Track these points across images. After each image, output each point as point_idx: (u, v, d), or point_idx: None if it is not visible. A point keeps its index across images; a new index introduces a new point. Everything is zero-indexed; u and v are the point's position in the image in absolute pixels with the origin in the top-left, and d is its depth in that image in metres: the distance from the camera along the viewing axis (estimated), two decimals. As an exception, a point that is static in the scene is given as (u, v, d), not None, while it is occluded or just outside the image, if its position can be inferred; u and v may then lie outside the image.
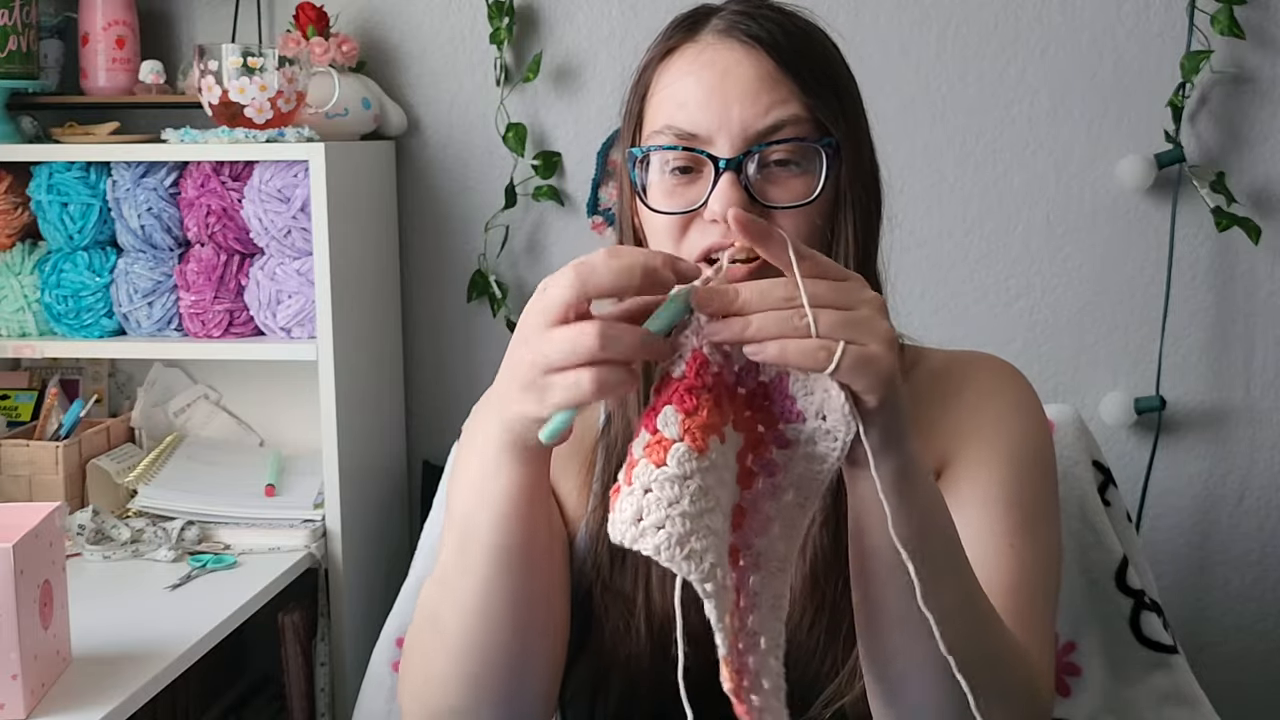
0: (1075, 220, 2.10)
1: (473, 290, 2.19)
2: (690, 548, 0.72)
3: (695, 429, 0.74)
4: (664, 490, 0.72)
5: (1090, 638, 1.49)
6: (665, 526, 0.72)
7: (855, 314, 0.76)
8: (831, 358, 0.74)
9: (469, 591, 0.91)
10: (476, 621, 0.92)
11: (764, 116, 0.97)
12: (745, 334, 0.75)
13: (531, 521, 0.88)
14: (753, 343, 0.75)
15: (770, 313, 0.75)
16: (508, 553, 0.89)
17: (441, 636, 0.94)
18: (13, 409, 2.15)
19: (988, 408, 1.08)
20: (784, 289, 0.76)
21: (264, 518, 1.94)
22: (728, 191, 0.96)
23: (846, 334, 0.75)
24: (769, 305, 0.76)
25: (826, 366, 0.74)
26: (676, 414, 0.75)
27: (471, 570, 0.90)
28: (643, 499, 0.72)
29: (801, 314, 0.75)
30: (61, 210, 1.99)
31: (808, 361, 0.75)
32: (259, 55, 1.88)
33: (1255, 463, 2.13)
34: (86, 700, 1.41)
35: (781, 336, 0.75)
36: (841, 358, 0.74)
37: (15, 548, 1.32)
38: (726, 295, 0.76)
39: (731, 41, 1.00)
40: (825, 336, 0.75)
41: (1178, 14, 2.03)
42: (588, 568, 1.07)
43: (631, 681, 1.05)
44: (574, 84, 2.16)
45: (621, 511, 0.73)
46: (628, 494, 0.73)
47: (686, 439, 0.74)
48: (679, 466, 0.73)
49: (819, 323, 0.75)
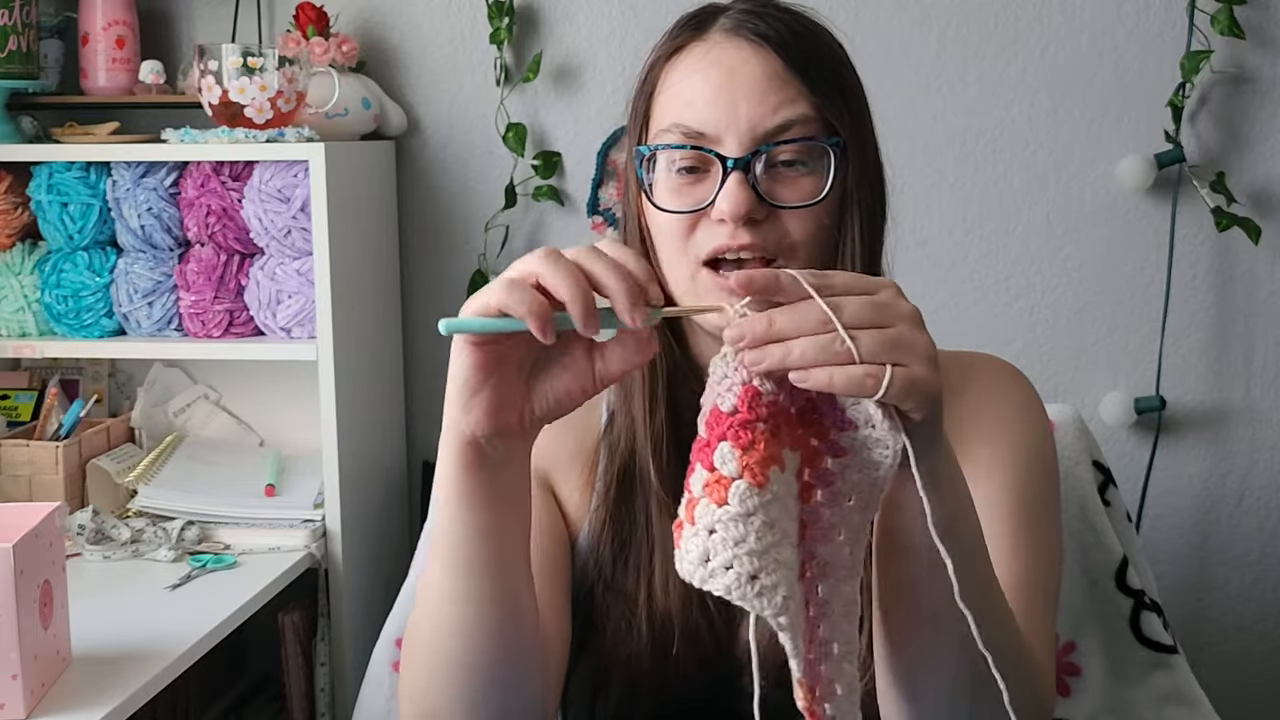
0: (1075, 220, 2.10)
1: (472, 290, 2.19)
2: (761, 584, 0.72)
3: (754, 465, 0.73)
4: (729, 530, 0.72)
5: (1090, 638, 1.49)
6: (734, 566, 0.72)
7: (895, 332, 0.74)
8: (880, 384, 0.73)
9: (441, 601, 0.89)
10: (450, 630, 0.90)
11: (772, 116, 0.97)
12: (788, 361, 0.73)
13: (496, 529, 0.86)
14: (797, 370, 0.74)
15: (809, 338, 0.73)
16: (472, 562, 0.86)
17: (424, 642, 0.93)
18: (13, 409, 2.14)
19: (989, 408, 1.08)
20: (819, 310, 0.74)
21: (264, 518, 1.94)
22: (735, 191, 0.95)
23: (890, 356, 0.73)
24: (806, 329, 0.74)
25: (876, 393, 0.73)
26: (734, 450, 0.74)
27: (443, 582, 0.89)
28: (708, 540, 0.72)
29: (840, 338, 0.73)
30: (61, 210, 1.99)
31: (855, 389, 0.73)
32: (259, 55, 1.88)
33: (1255, 463, 2.13)
34: (86, 700, 1.41)
35: (825, 364, 0.73)
36: (890, 384, 0.73)
37: (15, 548, 1.32)
38: (759, 325, 0.74)
39: (739, 40, 0.99)
40: (868, 360, 0.73)
41: (1178, 14, 2.03)
42: (589, 568, 1.07)
43: (632, 681, 1.05)
44: (574, 84, 2.16)
45: (688, 552, 0.73)
46: (691, 534, 0.73)
47: (746, 475, 0.73)
48: (741, 504, 0.73)
49: (860, 346, 0.73)
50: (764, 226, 0.97)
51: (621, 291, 0.76)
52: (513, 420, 0.82)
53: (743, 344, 0.74)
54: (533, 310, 0.75)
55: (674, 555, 0.74)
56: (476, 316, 0.77)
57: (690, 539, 0.73)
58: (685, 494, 0.75)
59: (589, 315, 0.75)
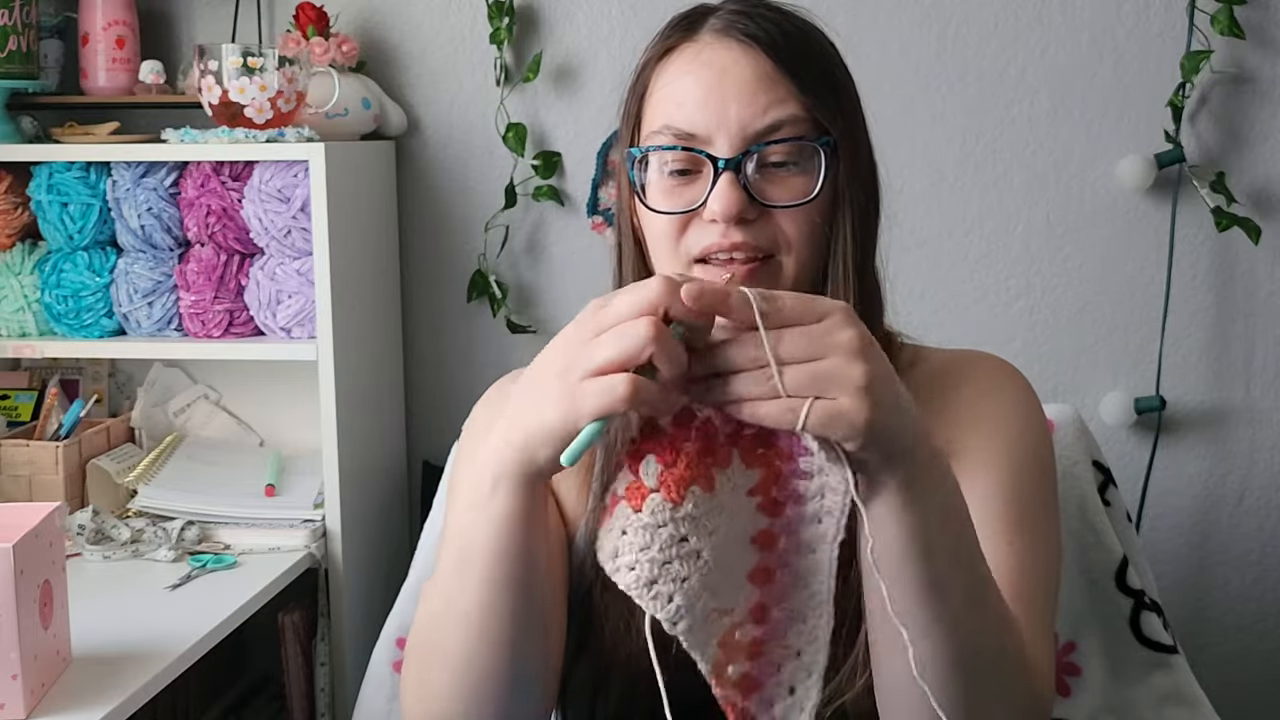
0: (1075, 220, 2.10)
1: (473, 290, 2.19)
2: (656, 590, 0.77)
3: (671, 482, 0.78)
4: (636, 536, 0.78)
5: (1090, 638, 1.49)
6: (635, 569, 0.77)
7: (823, 365, 0.75)
8: (798, 417, 0.74)
9: (466, 611, 0.91)
10: (474, 640, 0.91)
11: (762, 116, 0.97)
12: (724, 396, 0.76)
13: (529, 547, 0.88)
14: (730, 405, 0.76)
15: (744, 375, 0.76)
16: (503, 578, 0.88)
17: (440, 649, 0.94)
18: (13, 409, 2.15)
19: (986, 407, 1.07)
20: (753, 348, 0.76)
21: (264, 518, 1.94)
22: (726, 191, 0.96)
23: (814, 389, 0.75)
24: (740, 366, 0.76)
25: (795, 425, 0.75)
26: (656, 464, 0.78)
27: (468, 591, 0.90)
28: (619, 539, 0.78)
29: (767, 374, 0.75)
30: (61, 210, 1.99)
31: (778, 422, 0.75)
32: (259, 55, 1.88)
33: (1255, 463, 2.13)
34: (86, 700, 1.41)
35: (753, 398, 0.75)
36: (808, 416, 0.74)
37: (15, 548, 1.32)
38: (711, 360, 0.77)
39: (729, 41, 1.00)
40: (794, 394, 0.75)
41: (1178, 14, 2.03)
42: (587, 567, 1.07)
43: (631, 681, 1.05)
44: (574, 84, 2.16)
45: (602, 544, 0.79)
46: (607, 530, 0.79)
47: (662, 491, 0.78)
48: (652, 516, 0.77)
49: (785, 381, 0.75)
50: (756, 226, 0.98)
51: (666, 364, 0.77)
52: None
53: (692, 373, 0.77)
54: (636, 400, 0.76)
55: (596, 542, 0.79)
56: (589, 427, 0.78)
57: (605, 533, 0.79)
58: (611, 486, 0.81)
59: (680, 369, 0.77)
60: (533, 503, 0.86)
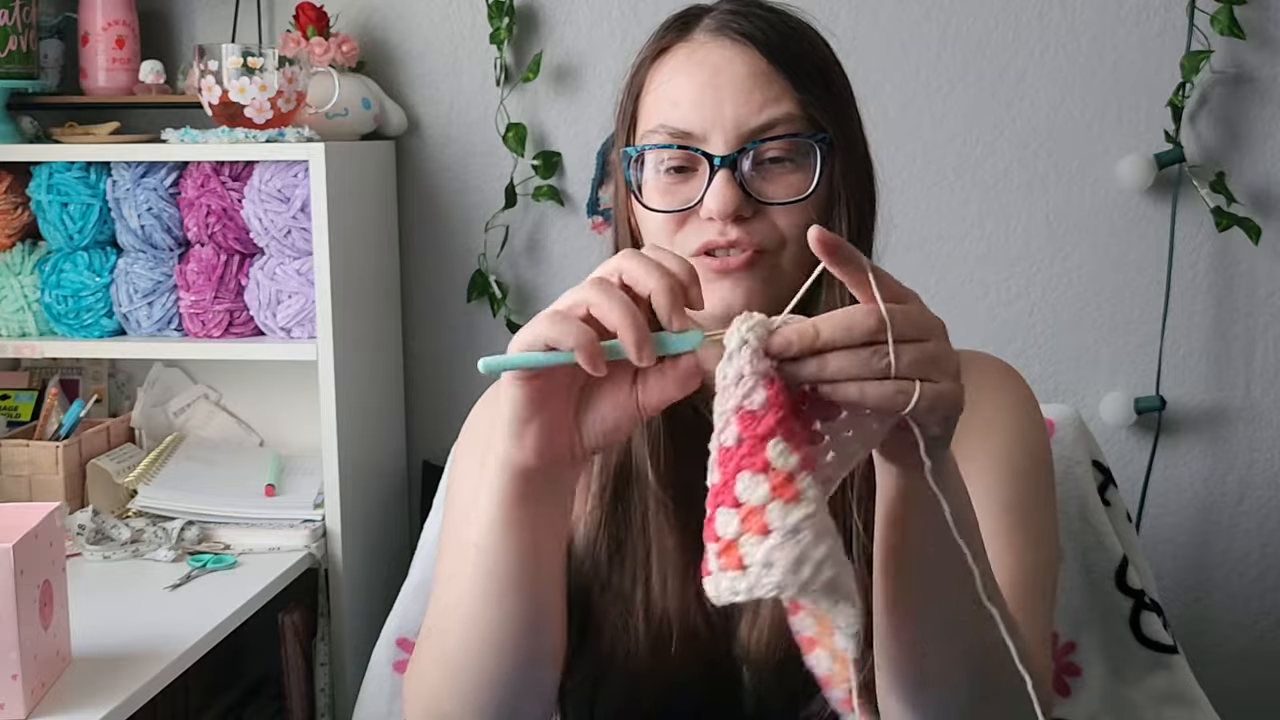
0: (1075, 220, 2.10)
1: (473, 290, 2.19)
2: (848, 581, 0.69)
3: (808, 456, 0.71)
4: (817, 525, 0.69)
5: (1090, 638, 1.49)
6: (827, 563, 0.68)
7: (930, 347, 0.73)
8: (909, 400, 0.71)
9: (463, 610, 0.91)
10: (473, 640, 0.91)
11: (757, 114, 0.98)
12: (824, 374, 0.71)
13: (531, 547, 0.87)
14: (831, 383, 0.72)
15: (852, 351, 0.71)
16: (504, 569, 0.87)
17: (441, 648, 0.94)
18: (13, 409, 2.15)
19: (983, 406, 1.07)
20: (869, 324, 0.71)
21: (264, 518, 1.94)
22: (723, 189, 0.96)
23: (923, 371, 0.72)
24: (853, 342, 0.71)
25: (905, 409, 0.72)
26: (786, 446, 0.70)
27: (467, 590, 0.90)
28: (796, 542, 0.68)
29: (883, 353, 0.71)
30: (61, 210, 1.99)
31: (885, 404, 0.72)
32: (259, 55, 1.88)
33: (1255, 463, 2.13)
34: (86, 700, 1.41)
35: (859, 378, 0.71)
36: (919, 399, 0.71)
37: (15, 548, 1.32)
38: (805, 335, 0.71)
39: (723, 40, 1.00)
40: (903, 376, 0.71)
41: (1178, 14, 2.03)
42: (586, 567, 1.07)
43: (631, 681, 1.05)
44: (574, 84, 2.16)
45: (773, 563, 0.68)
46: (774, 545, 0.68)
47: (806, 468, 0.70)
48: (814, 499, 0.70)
49: (900, 362, 0.71)
50: (752, 223, 0.98)
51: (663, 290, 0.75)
52: (563, 450, 0.82)
53: (790, 353, 0.72)
54: (580, 343, 0.74)
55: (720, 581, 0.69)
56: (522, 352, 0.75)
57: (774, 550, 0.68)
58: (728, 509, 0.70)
59: (642, 343, 0.74)
60: (535, 507, 0.85)
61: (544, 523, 0.87)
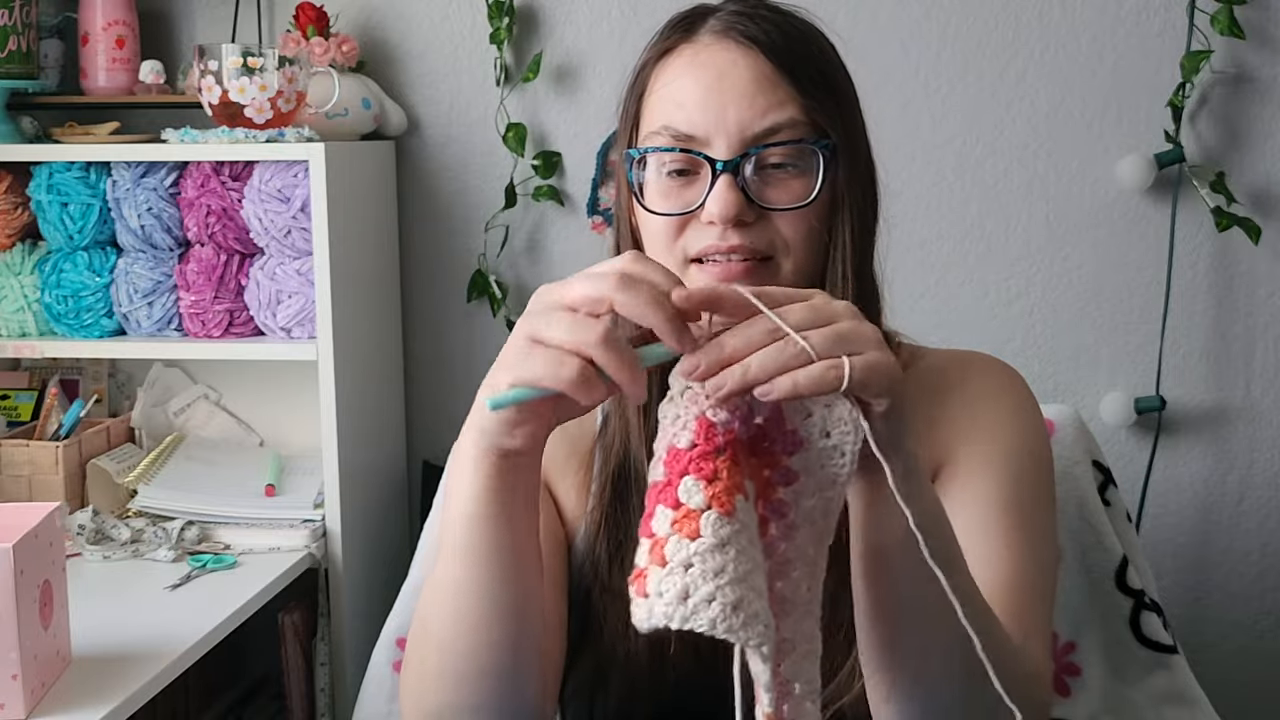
0: (1075, 220, 2.10)
1: (473, 290, 2.20)
2: (744, 614, 0.70)
3: (720, 494, 0.72)
4: (706, 562, 0.70)
5: (1090, 638, 1.49)
6: (717, 598, 0.70)
7: (841, 326, 0.75)
8: (843, 374, 0.73)
9: (447, 588, 0.90)
10: (453, 620, 0.90)
11: (761, 119, 0.97)
12: (749, 377, 0.73)
13: (505, 522, 0.86)
14: (758, 384, 0.73)
15: (763, 351, 0.73)
16: (484, 554, 0.87)
17: (429, 634, 0.93)
18: (13, 409, 2.15)
19: (984, 407, 1.07)
20: (764, 323, 0.74)
21: (264, 518, 1.94)
22: (724, 193, 0.96)
23: (843, 348, 0.74)
24: (757, 343, 0.74)
25: (841, 385, 0.73)
26: (698, 482, 0.73)
27: (448, 568, 0.89)
28: (685, 576, 0.70)
29: (792, 342, 0.73)
30: (61, 210, 1.99)
31: (820, 386, 0.73)
32: (259, 55, 1.88)
33: (1255, 463, 2.13)
34: (86, 700, 1.41)
35: (785, 369, 0.73)
36: (852, 371, 0.73)
37: (15, 548, 1.32)
38: (711, 351, 0.74)
39: (728, 42, 1.00)
40: (824, 356, 0.73)
41: (1178, 14, 2.03)
42: (586, 569, 1.07)
43: (631, 681, 1.05)
44: (574, 84, 2.16)
45: (664, 594, 0.70)
46: (665, 575, 0.71)
47: (714, 506, 0.72)
48: (714, 535, 0.71)
49: (813, 344, 0.73)
50: (754, 228, 0.98)
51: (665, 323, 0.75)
52: (544, 434, 0.83)
53: (698, 372, 0.74)
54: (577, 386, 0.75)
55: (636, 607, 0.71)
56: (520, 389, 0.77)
57: (664, 579, 0.70)
58: (644, 541, 0.73)
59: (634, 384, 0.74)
60: (515, 480, 0.85)
61: (523, 498, 0.86)
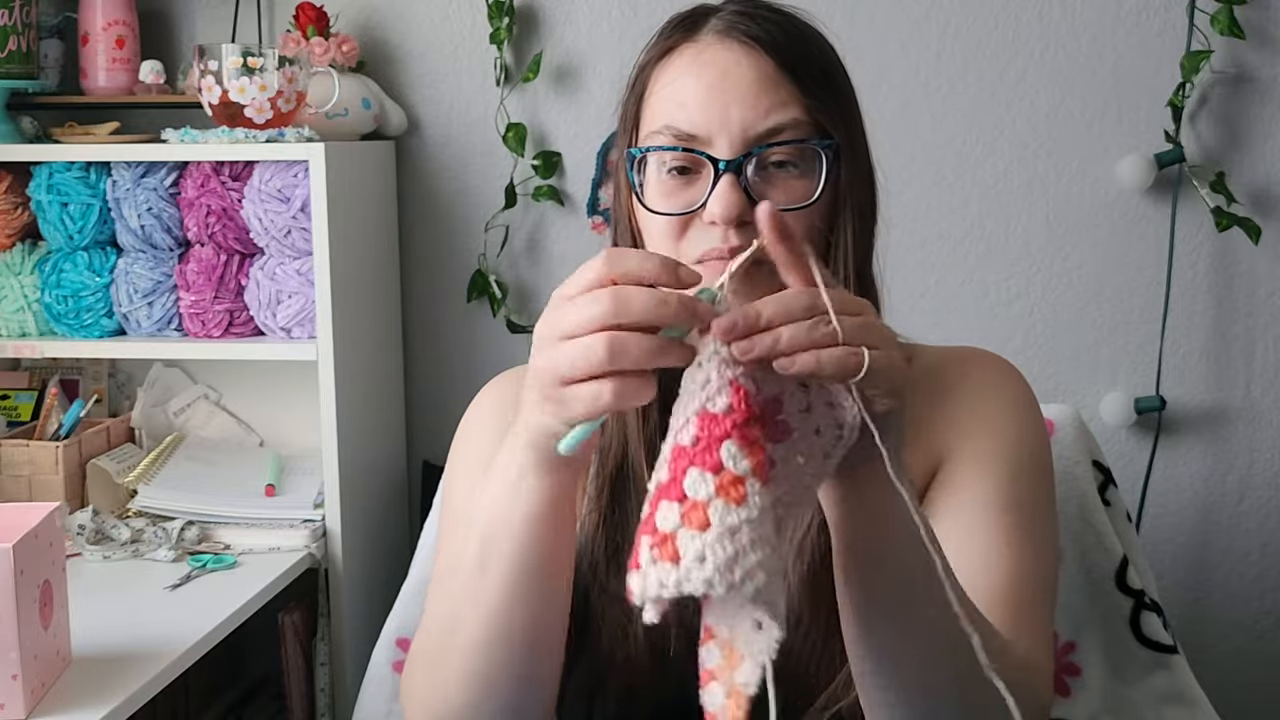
0: (1075, 220, 2.10)
1: (473, 290, 2.20)
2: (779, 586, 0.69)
3: (762, 463, 0.72)
4: (756, 529, 0.69)
5: (1090, 638, 1.49)
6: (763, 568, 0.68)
7: (867, 318, 0.76)
8: (862, 363, 0.74)
9: (490, 600, 0.90)
10: (496, 629, 0.91)
11: (764, 119, 0.97)
12: (778, 348, 0.74)
13: (555, 532, 0.88)
14: (784, 356, 0.74)
15: (795, 324, 0.74)
16: (528, 562, 0.88)
17: (456, 637, 0.93)
18: (13, 409, 2.15)
19: (983, 405, 1.07)
20: (805, 299, 0.75)
21: (264, 518, 1.94)
22: (727, 193, 0.96)
23: (866, 339, 0.75)
24: (793, 316, 0.75)
25: (859, 373, 0.74)
26: (742, 449, 0.71)
27: (491, 586, 0.90)
28: (733, 542, 0.68)
29: (826, 321, 0.74)
30: (61, 210, 1.99)
31: (841, 370, 0.74)
32: (259, 55, 1.88)
33: (1255, 463, 2.13)
34: (86, 700, 1.41)
35: (811, 347, 0.74)
36: (870, 363, 0.74)
37: (15, 548, 1.32)
38: (749, 315, 0.75)
39: (731, 42, 0.99)
40: (849, 343, 0.74)
41: (1178, 14, 2.03)
42: (583, 570, 1.07)
43: (629, 683, 1.05)
44: (574, 84, 2.16)
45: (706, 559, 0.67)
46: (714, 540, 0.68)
47: (758, 474, 0.71)
48: (759, 503, 0.70)
49: (844, 328, 0.74)
50: (755, 228, 0.97)
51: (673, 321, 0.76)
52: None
53: (735, 333, 0.74)
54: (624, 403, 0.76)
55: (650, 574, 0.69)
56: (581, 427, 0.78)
57: (711, 544, 0.68)
58: (670, 505, 0.70)
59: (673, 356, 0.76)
60: (559, 489, 0.86)
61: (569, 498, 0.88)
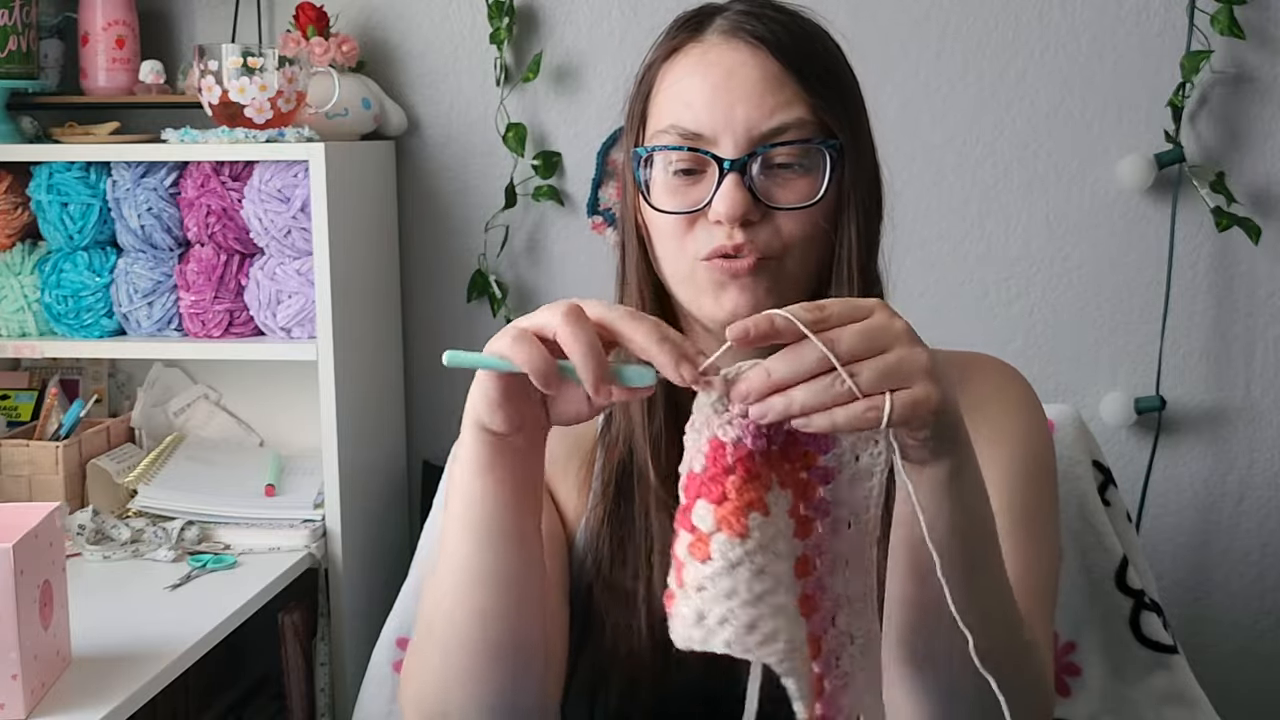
0: (1075, 220, 2.10)
1: (473, 290, 2.20)
2: (760, 634, 0.71)
3: (728, 516, 0.73)
4: (717, 585, 0.71)
5: (1090, 638, 1.49)
6: (729, 620, 0.71)
7: (893, 357, 0.74)
8: (881, 415, 0.73)
9: (448, 573, 0.90)
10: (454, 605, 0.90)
11: (769, 118, 0.97)
12: (790, 410, 0.73)
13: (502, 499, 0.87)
14: (799, 418, 0.73)
15: (807, 385, 0.73)
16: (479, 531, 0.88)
17: (433, 634, 0.93)
18: (13, 409, 2.14)
19: (987, 408, 1.07)
20: (814, 351, 0.73)
21: (264, 518, 1.94)
22: (731, 192, 0.96)
23: (889, 383, 0.73)
24: (805, 373, 0.73)
25: (879, 424, 0.73)
26: (708, 506, 0.73)
27: (447, 553, 0.90)
28: (698, 598, 0.72)
29: (839, 378, 0.73)
30: (61, 210, 1.99)
31: (859, 424, 0.73)
32: (259, 55, 1.88)
33: (1255, 463, 2.13)
34: (86, 700, 1.41)
35: (826, 406, 0.72)
36: (891, 411, 0.73)
37: (15, 548, 1.32)
38: (757, 378, 0.74)
39: (736, 42, 1.00)
40: (868, 392, 0.73)
41: (1178, 14, 2.03)
42: (588, 565, 1.07)
43: (632, 679, 1.05)
44: (574, 84, 2.16)
45: (682, 616, 0.72)
46: (683, 598, 0.72)
47: (723, 529, 0.72)
48: (723, 557, 0.72)
49: (860, 380, 0.72)
50: (760, 227, 0.98)
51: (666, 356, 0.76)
52: (531, 423, 0.84)
53: (749, 400, 0.74)
54: (535, 369, 0.77)
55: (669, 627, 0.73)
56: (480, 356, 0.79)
57: (681, 603, 0.72)
58: (672, 564, 0.74)
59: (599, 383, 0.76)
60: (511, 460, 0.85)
61: (520, 479, 0.87)
